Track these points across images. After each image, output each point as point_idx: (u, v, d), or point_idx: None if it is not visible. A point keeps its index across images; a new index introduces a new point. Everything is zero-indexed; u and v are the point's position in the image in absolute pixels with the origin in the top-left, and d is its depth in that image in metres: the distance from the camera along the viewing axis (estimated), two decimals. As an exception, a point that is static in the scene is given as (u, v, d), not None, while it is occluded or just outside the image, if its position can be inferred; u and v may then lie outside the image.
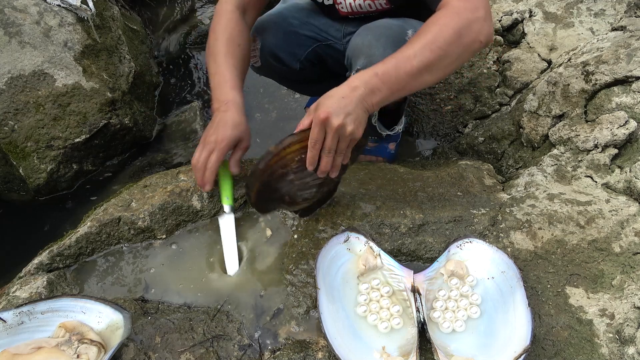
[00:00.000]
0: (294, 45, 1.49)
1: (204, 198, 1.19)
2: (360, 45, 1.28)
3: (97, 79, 1.65)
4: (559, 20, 1.82)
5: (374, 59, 1.24)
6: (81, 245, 1.12)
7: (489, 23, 1.00)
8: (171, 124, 1.94)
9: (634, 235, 1.08)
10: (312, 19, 1.50)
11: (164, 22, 2.38)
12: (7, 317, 0.93)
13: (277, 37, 1.46)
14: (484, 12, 1.00)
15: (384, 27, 1.29)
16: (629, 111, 1.28)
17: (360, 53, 1.28)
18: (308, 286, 1.06)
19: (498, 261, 1.04)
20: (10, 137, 1.53)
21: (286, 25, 1.46)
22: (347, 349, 0.92)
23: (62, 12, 1.65)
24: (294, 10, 1.50)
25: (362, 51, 1.27)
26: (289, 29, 1.46)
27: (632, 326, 0.95)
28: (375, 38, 1.26)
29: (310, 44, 1.52)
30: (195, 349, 0.96)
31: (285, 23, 1.46)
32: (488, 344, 0.95)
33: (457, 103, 1.85)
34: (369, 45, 1.26)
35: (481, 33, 1.00)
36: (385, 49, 1.24)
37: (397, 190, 1.25)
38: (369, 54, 1.26)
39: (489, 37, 1.02)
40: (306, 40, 1.51)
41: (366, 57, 1.26)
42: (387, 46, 1.24)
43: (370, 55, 1.25)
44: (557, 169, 1.29)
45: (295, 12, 1.49)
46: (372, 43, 1.26)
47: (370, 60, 1.25)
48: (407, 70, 0.97)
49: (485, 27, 1.00)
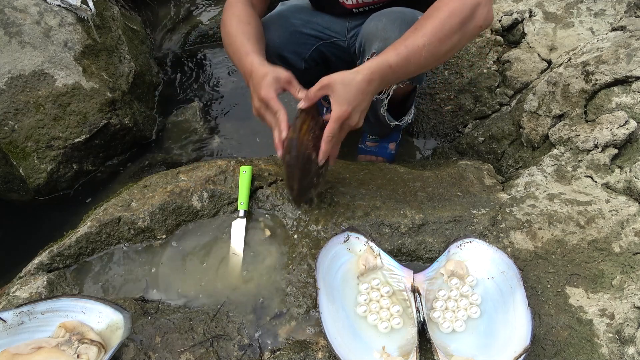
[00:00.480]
0: (298, 45, 1.48)
1: (204, 198, 1.19)
2: (375, 30, 1.27)
3: (97, 79, 1.66)
4: (559, 20, 1.82)
5: (389, 42, 1.23)
6: (81, 245, 1.12)
7: (489, 7, 1.06)
8: (171, 124, 1.94)
9: (634, 235, 1.08)
10: (314, 17, 1.50)
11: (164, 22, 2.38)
12: (7, 317, 0.93)
13: (282, 37, 1.46)
14: (487, 1, 1.05)
15: (398, 11, 1.28)
16: (629, 111, 1.28)
17: (375, 37, 1.27)
18: (308, 286, 1.06)
19: (498, 261, 1.04)
20: (10, 137, 1.53)
21: (289, 25, 1.46)
22: (347, 349, 0.92)
23: (62, 12, 1.65)
24: (295, 10, 1.50)
25: (377, 35, 1.26)
26: (292, 29, 1.46)
27: (632, 326, 0.95)
28: (390, 21, 1.25)
29: (314, 43, 1.52)
30: (195, 349, 0.96)
31: (288, 23, 1.46)
32: (488, 344, 0.95)
33: (457, 103, 1.85)
34: (384, 28, 1.25)
35: (483, 18, 1.05)
36: (401, 32, 1.22)
37: (397, 190, 1.25)
38: (384, 37, 1.25)
39: (489, 20, 1.07)
40: (309, 39, 1.51)
41: (381, 40, 1.25)
42: (403, 29, 1.23)
43: (386, 39, 1.24)
44: (557, 169, 1.29)
45: (297, 12, 1.49)
46: (387, 26, 1.25)
47: (386, 44, 1.24)
48: (417, 62, 1.02)
49: (487, 12, 1.05)
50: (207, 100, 2.07)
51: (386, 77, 1.02)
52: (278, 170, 1.28)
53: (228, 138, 1.92)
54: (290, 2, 1.55)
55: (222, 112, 2.03)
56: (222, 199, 1.20)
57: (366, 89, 1.00)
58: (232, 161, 1.29)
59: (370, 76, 1.00)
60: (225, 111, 2.03)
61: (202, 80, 2.16)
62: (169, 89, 2.12)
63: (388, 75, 1.02)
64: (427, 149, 1.86)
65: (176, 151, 1.86)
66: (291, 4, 1.53)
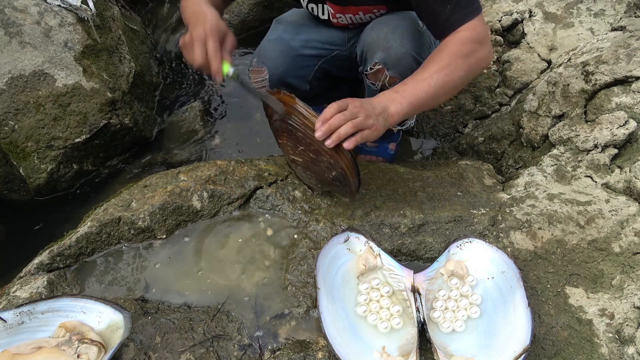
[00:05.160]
0: (301, 68, 1.47)
1: (203, 198, 1.19)
2: (376, 39, 1.28)
3: (97, 79, 1.66)
4: (558, 21, 1.82)
5: (391, 51, 1.24)
6: (81, 245, 1.12)
7: (490, 51, 1.16)
8: (171, 124, 1.94)
9: (634, 235, 1.08)
10: (312, 35, 1.48)
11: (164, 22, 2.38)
12: (8, 317, 0.93)
13: (284, 64, 1.44)
14: (487, 43, 1.14)
15: (398, 18, 1.29)
16: (629, 111, 1.29)
17: (377, 47, 1.27)
18: (308, 286, 1.06)
19: (498, 261, 1.04)
20: (10, 137, 1.53)
21: (289, 51, 1.44)
22: (347, 348, 0.92)
23: (62, 12, 1.65)
24: (293, 31, 1.48)
25: (379, 45, 1.27)
26: (293, 54, 1.45)
27: (632, 326, 0.95)
28: (391, 30, 1.26)
29: (316, 62, 1.50)
30: (196, 349, 0.96)
31: (288, 48, 1.45)
32: (488, 343, 0.95)
33: (457, 103, 1.85)
34: (385, 37, 1.26)
35: (483, 59, 1.14)
36: (402, 40, 1.24)
37: (397, 190, 1.25)
38: (386, 47, 1.25)
39: (488, 62, 1.19)
40: (312, 59, 1.49)
41: (383, 50, 1.26)
42: (404, 37, 1.24)
43: (388, 48, 1.25)
44: (557, 169, 1.29)
45: (295, 33, 1.47)
46: (388, 35, 1.26)
47: (388, 53, 1.25)
48: (425, 89, 1.07)
49: (487, 56, 1.15)
50: (207, 100, 2.07)
51: (396, 101, 1.07)
52: (278, 170, 1.28)
53: (228, 138, 1.92)
54: (286, 19, 1.52)
55: (222, 112, 2.03)
56: (222, 199, 1.20)
57: (379, 113, 1.03)
58: (232, 161, 1.29)
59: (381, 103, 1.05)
60: (225, 111, 2.03)
61: (202, 80, 2.16)
62: (169, 89, 2.12)
63: (396, 98, 1.07)
64: (427, 149, 1.86)
65: (176, 151, 1.86)
66: (288, 22, 1.50)
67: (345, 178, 1.06)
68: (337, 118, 0.97)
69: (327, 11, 1.40)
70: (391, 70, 1.27)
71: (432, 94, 1.07)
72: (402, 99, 1.05)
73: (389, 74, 1.28)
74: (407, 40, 1.24)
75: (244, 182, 1.22)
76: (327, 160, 1.04)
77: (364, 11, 1.36)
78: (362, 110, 0.99)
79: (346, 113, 0.98)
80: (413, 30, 1.26)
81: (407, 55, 1.25)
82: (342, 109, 0.99)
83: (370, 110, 1.01)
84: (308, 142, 1.04)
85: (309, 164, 1.09)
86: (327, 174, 1.07)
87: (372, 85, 1.35)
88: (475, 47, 1.10)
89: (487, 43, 1.14)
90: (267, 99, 1.06)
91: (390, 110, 1.04)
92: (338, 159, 1.02)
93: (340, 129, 0.97)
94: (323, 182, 1.13)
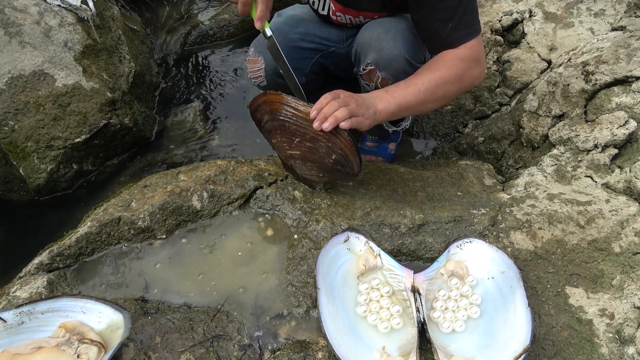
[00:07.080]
0: (298, 60, 1.47)
1: (204, 198, 1.19)
2: (369, 40, 1.28)
3: (97, 79, 1.66)
4: (559, 20, 1.82)
5: (383, 52, 1.25)
6: (81, 245, 1.12)
7: (483, 71, 1.22)
8: (171, 124, 1.94)
9: (634, 235, 1.08)
10: (311, 30, 1.49)
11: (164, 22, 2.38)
12: (8, 317, 0.93)
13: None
14: (482, 63, 1.20)
15: (394, 21, 1.29)
16: (629, 111, 1.29)
17: (369, 47, 1.28)
18: (308, 286, 1.06)
19: (498, 261, 1.04)
20: (10, 137, 1.53)
21: (287, 42, 1.45)
22: (347, 348, 0.92)
23: (62, 12, 1.65)
24: (293, 24, 1.48)
25: (372, 45, 1.28)
26: (290, 45, 1.45)
27: (632, 326, 0.95)
28: (384, 31, 1.27)
29: (314, 56, 1.51)
30: (195, 349, 0.96)
31: (286, 39, 1.45)
32: (488, 344, 0.95)
33: (457, 103, 1.85)
34: (377, 39, 1.27)
35: (476, 77, 1.21)
36: (395, 42, 1.24)
37: (397, 190, 1.25)
38: (378, 48, 1.26)
39: (480, 80, 1.25)
40: (309, 52, 1.50)
41: (376, 50, 1.27)
42: (397, 39, 1.25)
43: (380, 49, 1.26)
44: (557, 169, 1.29)
45: (295, 26, 1.48)
46: (381, 37, 1.26)
47: (380, 55, 1.26)
48: (414, 94, 1.12)
49: (480, 75, 1.21)
50: (207, 100, 2.07)
51: (385, 99, 1.13)
52: (278, 170, 1.28)
53: (228, 138, 1.92)
54: (287, 13, 1.53)
55: (222, 112, 2.03)
56: (222, 199, 1.20)
57: (372, 115, 1.08)
58: (232, 161, 1.29)
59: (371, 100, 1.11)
60: (225, 111, 2.03)
61: (202, 80, 2.16)
62: (169, 89, 2.12)
63: (385, 96, 1.13)
64: (427, 149, 1.86)
65: (176, 151, 1.86)
66: (288, 15, 1.51)
67: (345, 159, 1.08)
68: (332, 105, 1.02)
69: (328, 7, 1.40)
70: (383, 71, 1.28)
71: (420, 99, 1.13)
72: (391, 99, 1.11)
73: (381, 75, 1.28)
74: (401, 42, 1.24)
75: (244, 182, 1.22)
76: (325, 144, 1.07)
77: (364, 16, 1.37)
78: (354, 100, 1.06)
79: (339, 100, 1.03)
80: (407, 32, 1.26)
81: (400, 57, 1.25)
82: (335, 98, 1.04)
83: (361, 102, 1.07)
84: (303, 132, 1.07)
85: (307, 154, 1.10)
86: (327, 159, 1.09)
87: (367, 86, 1.35)
88: (470, 65, 1.16)
89: (482, 63, 1.20)
90: (289, 70, 1.19)
91: (378, 106, 1.10)
92: (336, 140, 1.06)
93: (337, 112, 1.02)
94: (324, 170, 1.14)
